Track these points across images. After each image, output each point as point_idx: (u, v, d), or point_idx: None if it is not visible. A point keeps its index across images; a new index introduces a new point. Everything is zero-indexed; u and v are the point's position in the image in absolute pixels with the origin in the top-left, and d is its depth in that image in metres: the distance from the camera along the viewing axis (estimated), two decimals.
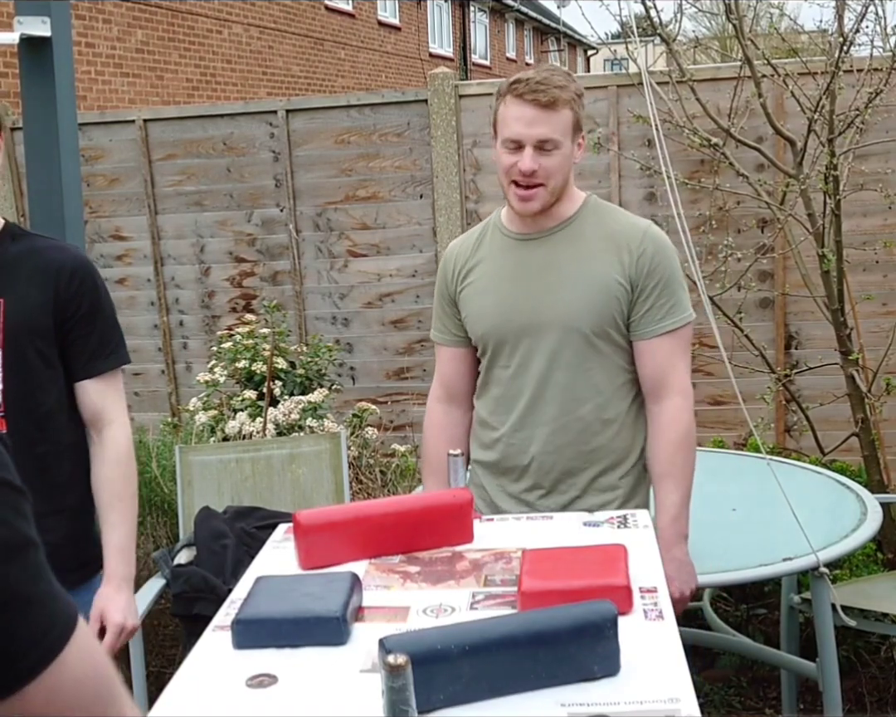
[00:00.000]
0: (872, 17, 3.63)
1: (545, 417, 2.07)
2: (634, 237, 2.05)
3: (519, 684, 1.26)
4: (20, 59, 2.73)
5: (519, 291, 2.08)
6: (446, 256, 2.23)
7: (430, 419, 2.33)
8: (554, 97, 1.96)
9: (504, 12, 24.68)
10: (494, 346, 2.11)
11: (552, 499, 2.09)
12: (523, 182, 1.99)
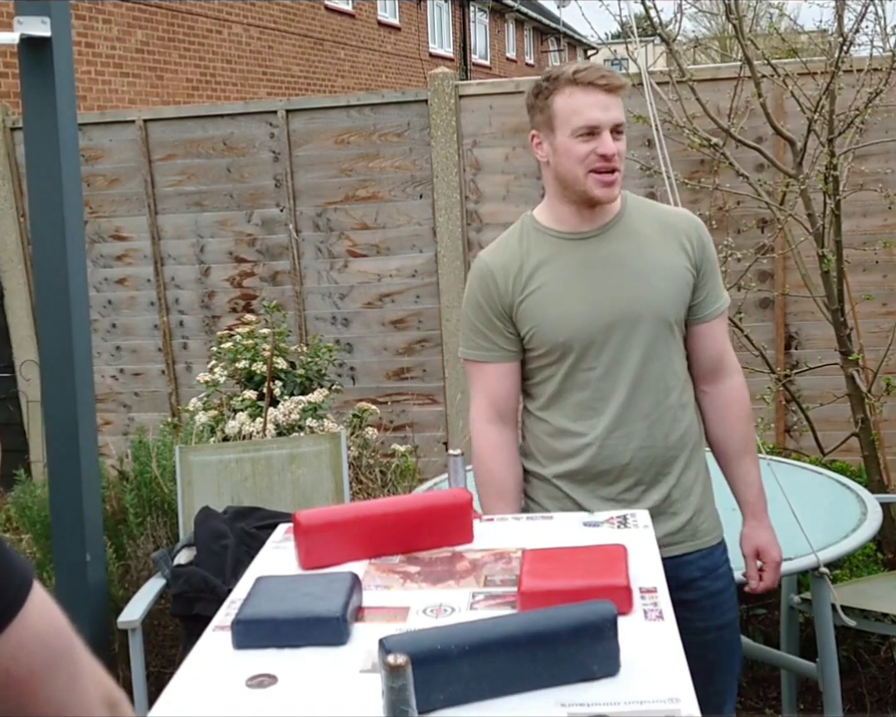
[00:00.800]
0: (872, 18, 3.63)
1: (642, 411, 2.04)
2: (690, 226, 2.09)
3: (519, 684, 1.26)
4: (20, 59, 2.73)
5: (596, 290, 2.03)
6: (490, 269, 2.11)
7: (485, 443, 2.15)
8: (619, 82, 1.97)
9: (504, 12, 24.67)
10: (580, 350, 2.04)
11: (654, 492, 2.07)
12: (605, 167, 1.97)
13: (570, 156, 1.98)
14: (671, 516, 2.07)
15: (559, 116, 1.98)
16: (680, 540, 2.08)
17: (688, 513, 2.10)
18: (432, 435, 5.06)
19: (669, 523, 2.07)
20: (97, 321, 5.27)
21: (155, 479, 3.38)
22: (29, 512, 3.29)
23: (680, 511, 2.09)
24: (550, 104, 1.99)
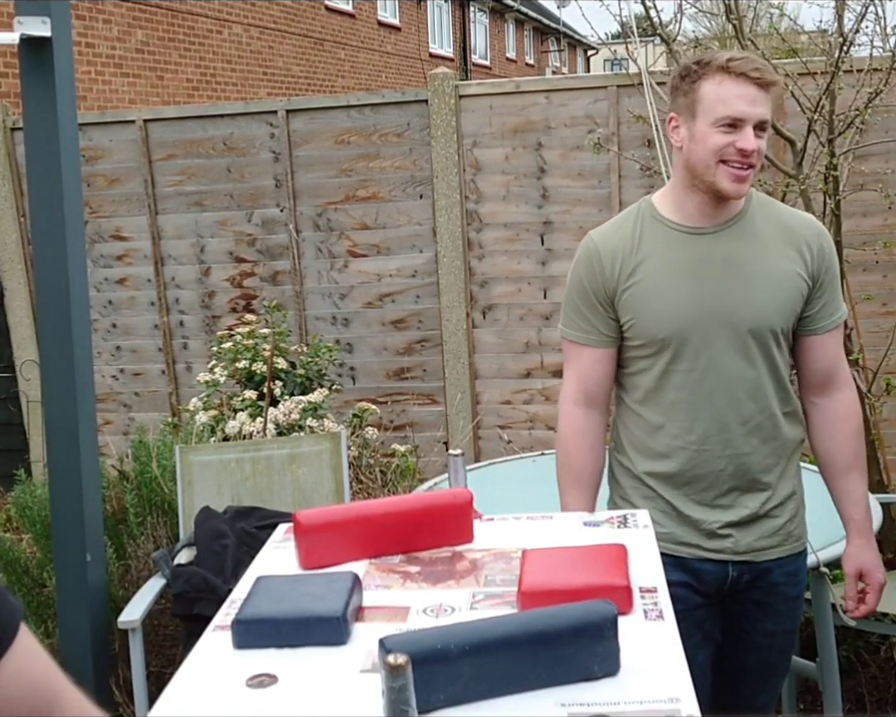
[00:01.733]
0: (872, 18, 3.63)
1: (741, 417, 1.98)
2: (812, 232, 2.01)
3: (519, 684, 1.26)
4: (20, 59, 2.73)
5: (704, 288, 1.96)
6: (598, 250, 2.04)
7: (569, 424, 2.11)
8: (775, 78, 1.90)
9: (504, 12, 24.67)
10: (676, 348, 1.98)
11: (749, 499, 2.02)
12: (741, 162, 1.89)
13: (705, 145, 1.90)
14: (765, 522, 2.04)
15: (703, 103, 1.91)
16: (772, 545, 2.05)
17: (782, 519, 2.06)
18: (432, 435, 5.06)
19: (762, 528, 2.04)
20: (97, 321, 5.27)
21: (155, 479, 3.38)
22: (29, 512, 3.29)
23: (774, 518, 2.05)
24: (696, 89, 1.92)
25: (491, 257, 4.92)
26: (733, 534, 2.03)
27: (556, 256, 4.83)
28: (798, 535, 2.10)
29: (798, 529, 2.10)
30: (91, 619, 2.92)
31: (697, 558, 2.04)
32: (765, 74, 1.88)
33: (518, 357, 4.97)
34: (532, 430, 4.99)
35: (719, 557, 2.03)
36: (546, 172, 4.76)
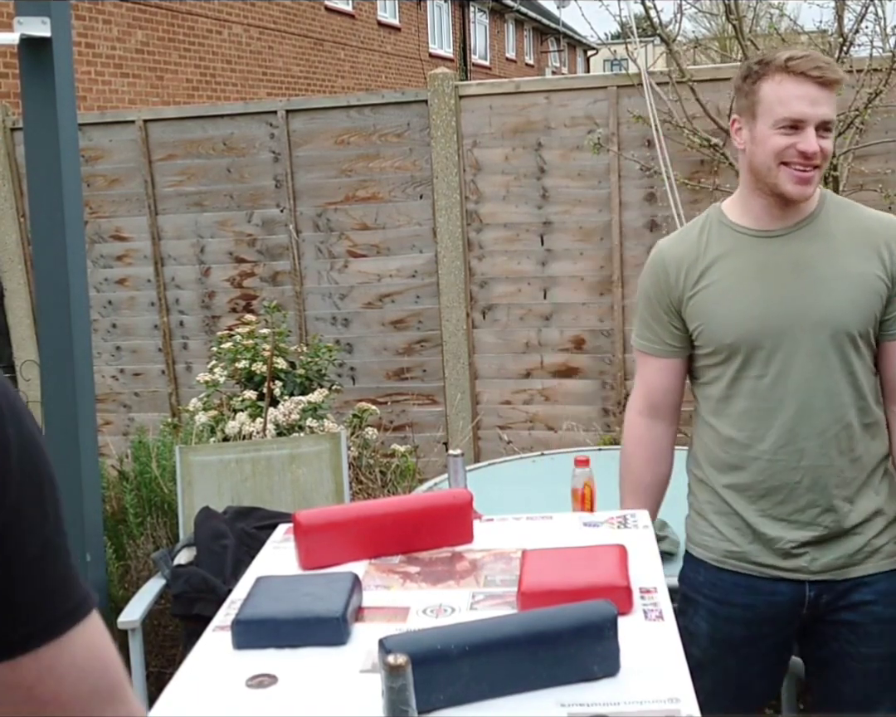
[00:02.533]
0: (872, 18, 3.64)
1: (817, 427, 1.90)
2: (889, 232, 1.92)
3: (519, 684, 1.26)
4: (20, 59, 2.73)
5: (773, 293, 1.90)
6: (662, 259, 2.02)
7: (632, 434, 2.12)
8: (838, 76, 1.83)
9: (504, 13, 24.67)
10: (747, 354, 1.91)
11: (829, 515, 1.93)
12: (803, 164, 1.84)
13: (766, 147, 1.86)
14: (846, 540, 1.94)
15: (763, 104, 1.86)
16: (857, 561, 1.95)
17: (866, 536, 1.95)
18: (432, 435, 5.05)
19: (843, 547, 1.94)
20: (97, 321, 5.27)
21: (155, 479, 3.38)
22: None
23: (857, 534, 1.94)
24: (757, 90, 1.87)
25: (491, 258, 4.92)
26: (809, 552, 1.94)
27: (556, 256, 4.83)
28: (892, 552, 1.97)
29: (891, 546, 1.97)
30: None
31: (771, 578, 1.96)
32: (826, 73, 1.81)
33: (518, 357, 4.97)
34: (532, 430, 4.99)
35: (795, 577, 1.95)
36: (546, 172, 4.76)
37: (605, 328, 4.82)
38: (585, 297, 4.83)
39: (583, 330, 4.86)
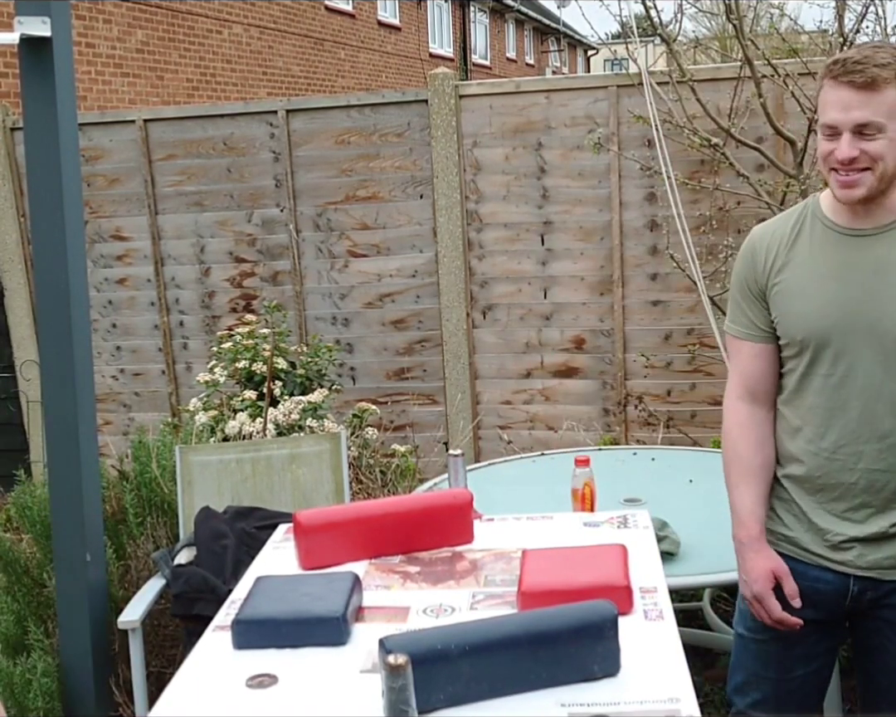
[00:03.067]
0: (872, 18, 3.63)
1: (878, 432, 1.88)
2: None
3: (519, 684, 1.26)
4: (20, 59, 2.73)
5: (849, 292, 1.87)
6: (754, 244, 2.02)
7: (735, 419, 2.08)
8: (872, 77, 1.77)
9: (504, 12, 24.66)
10: (815, 350, 1.91)
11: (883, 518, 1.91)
12: (843, 169, 1.82)
13: (819, 151, 1.87)
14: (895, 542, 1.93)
15: (819, 110, 1.88)
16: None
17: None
18: (432, 435, 5.05)
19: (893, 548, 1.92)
20: (97, 321, 5.27)
21: (155, 479, 3.37)
22: (29, 512, 3.29)
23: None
24: (818, 94, 1.89)
25: (491, 257, 4.92)
26: (857, 548, 1.94)
27: (557, 256, 4.83)
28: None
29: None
30: (91, 619, 2.92)
31: (818, 566, 1.98)
32: (855, 78, 1.78)
33: (518, 357, 4.97)
34: (532, 430, 4.99)
35: (841, 569, 1.96)
36: (546, 172, 4.76)
37: (606, 328, 4.82)
38: (586, 297, 4.83)
39: (583, 330, 4.86)
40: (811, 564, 1.99)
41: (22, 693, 2.88)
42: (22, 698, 2.88)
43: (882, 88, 1.78)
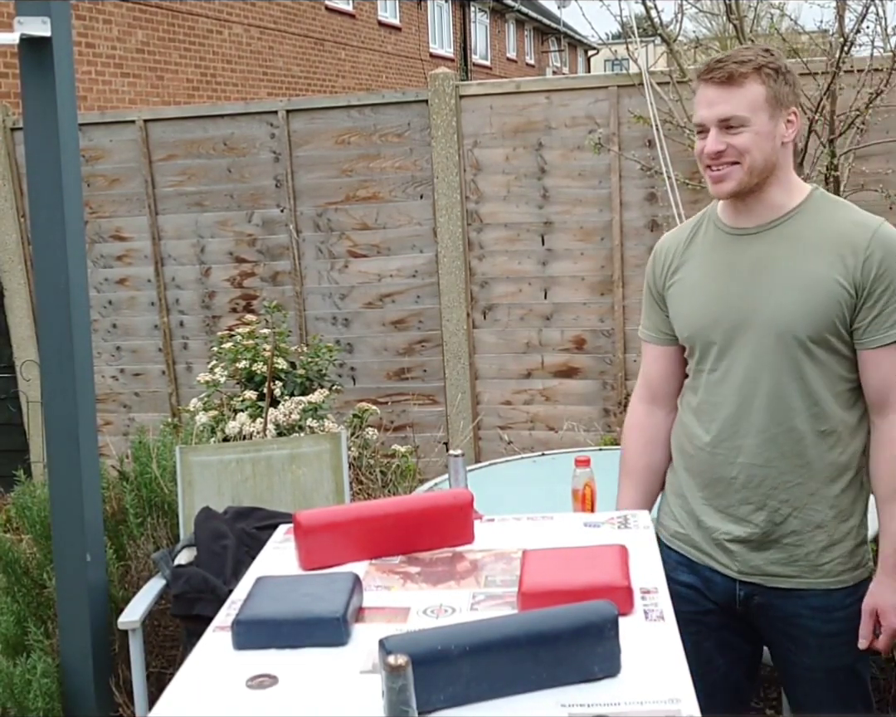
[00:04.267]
0: (873, 18, 3.63)
1: (753, 427, 1.91)
2: (862, 237, 1.84)
3: (519, 684, 1.25)
4: (20, 59, 2.73)
5: (729, 291, 1.92)
6: (656, 250, 2.10)
7: (631, 420, 2.17)
8: (730, 72, 1.83)
9: (504, 13, 24.67)
10: (701, 348, 1.97)
11: (763, 514, 1.93)
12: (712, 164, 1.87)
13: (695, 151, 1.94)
14: (781, 547, 1.94)
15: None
16: (788, 574, 1.95)
17: (805, 549, 1.93)
18: (432, 435, 5.05)
19: (778, 553, 1.94)
20: (97, 321, 5.27)
21: (155, 479, 3.37)
22: (29, 512, 3.28)
23: (795, 545, 1.93)
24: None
25: (491, 257, 4.92)
26: (739, 551, 1.96)
27: (557, 256, 4.83)
28: (833, 571, 1.94)
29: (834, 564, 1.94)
30: (91, 619, 2.92)
31: (707, 567, 2.02)
32: (715, 74, 1.84)
33: (518, 357, 4.97)
34: (532, 430, 4.99)
35: (726, 571, 1.99)
36: (546, 172, 4.76)
37: (606, 328, 4.82)
38: (586, 297, 4.82)
39: (583, 330, 4.86)
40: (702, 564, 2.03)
41: (22, 694, 2.88)
42: (22, 698, 2.88)
43: (742, 83, 1.84)
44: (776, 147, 1.88)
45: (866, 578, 1.98)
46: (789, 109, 1.89)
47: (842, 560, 1.95)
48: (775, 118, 1.87)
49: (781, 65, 1.88)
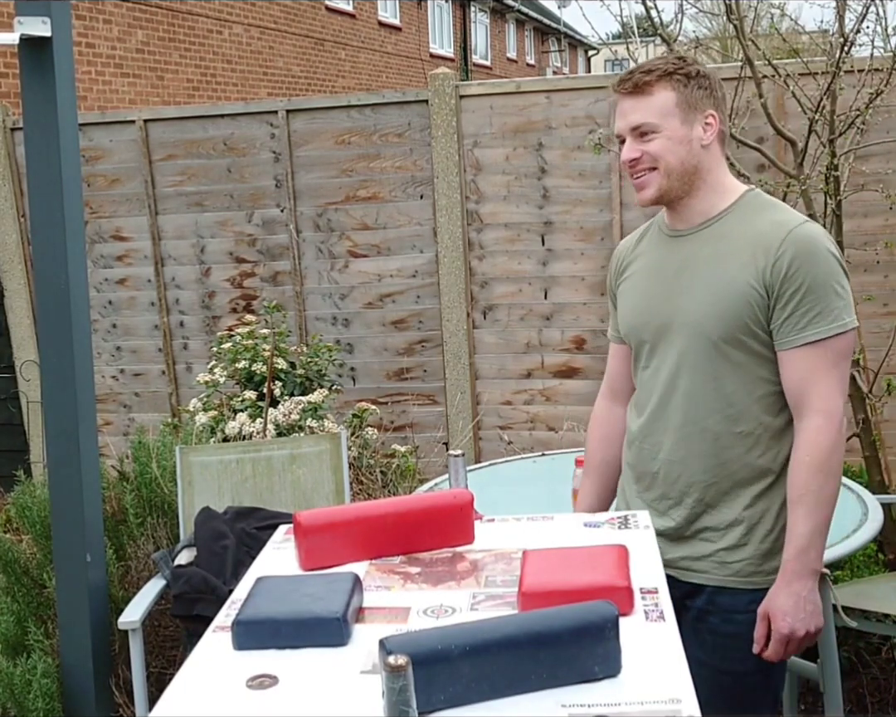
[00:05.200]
0: (873, 18, 3.62)
1: (670, 424, 1.97)
2: (775, 238, 1.84)
3: (520, 684, 1.25)
4: (20, 59, 2.73)
5: (658, 291, 1.99)
6: (614, 252, 2.19)
7: (593, 415, 2.26)
8: (636, 82, 1.90)
9: (505, 12, 24.67)
10: (636, 346, 2.06)
11: (679, 511, 1.97)
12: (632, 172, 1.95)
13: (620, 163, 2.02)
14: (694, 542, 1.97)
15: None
16: (699, 569, 1.97)
17: (716, 545, 1.95)
18: (432, 435, 5.05)
19: (691, 548, 1.97)
20: (97, 322, 5.27)
21: (155, 479, 3.37)
22: (29, 512, 3.28)
23: (707, 541, 1.96)
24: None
25: (491, 258, 4.92)
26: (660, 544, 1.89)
27: (557, 256, 4.83)
28: (742, 571, 1.94)
29: (744, 565, 1.94)
30: (91, 620, 2.92)
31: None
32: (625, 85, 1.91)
33: (518, 358, 4.97)
34: (532, 430, 4.99)
35: None
36: (547, 172, 4.76)
37: (606, 329, 4.80)
38: (586, 297, 4.82)
39: (583, 330, 4.86)
40: None
41: (22, 694, 2.88)
42: (22, 698, 2.88)
43: (650, 92, 1.90)
44: (693, 150, 1.92)
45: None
46: (705, 113, 1.94)
47: (753, 562, 1.94)
48: (689, 122, 1.91)
49: (693, 70, 1.95)
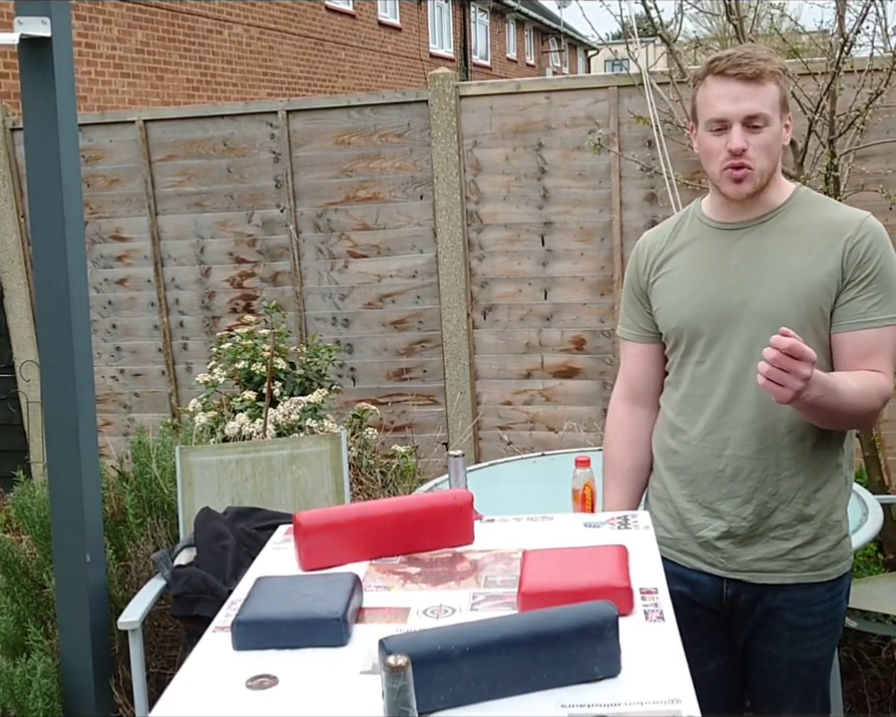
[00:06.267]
0: (873, 18, 3.63)
1: (741, 419, 1.90)
2: (851, 225, 1.87)
3: (519, 685, 1.25)
4: (20, 59, 2.73)
5: (719, 282, 1.93)
6: (638, 248, 2.12)
7: (613, 419, 2.17)
8: (759, 69, 1.83)
9: (504, 13, 24.67)
10: (689, 340, 1.97)
11: (749, 508, 1.92)
12: (734, 163, 1.86)
13: (703, 149, 1.92)
14: (768, 542, 1.94)
15: (699, 109, 1.93)
16: (775, 569, 1.94)
17: (791, 544, 1.93)
18: (432, 436, 5.05)
19: (765, 549, 1.94)
20: (97, 322, 5.27)
21: (155, 480, 3.37)
22: (29, 513, 3.29)
23: (782, 540, 1.93)
24: (696, 95, 1.94)
25: (491, 258, 4.92)
26: (726, 547, 1.96)
27: (557, 256, 4.83)
28: (816, 565, 1.94)
29: (819, 558, 1.94)
30: (91, 620, 2.92)
31: (694, 569, 2.01)
32: (743, 69, 1.83)
33: (518, 358, 4.97)
34: (532, 431, 4.99)
35: (713, 571, 1.99)
36: (546, 172, 4.76)
37: (606, 329, 4.81)
38: (586, 297, 4.82)
39: (583, 330, 4.86)
40: (688, 567, 2.01)
41: (22, 694, 2.88)
42: (22, 698, 2.88)
43: (766, 82, 1.85)
44: (779, 149, 1.91)
45: (847, 571, 2.00)
46: (788, 113, 1.92)
47: (825, 554, 1.95)
48: (782, 120, 1.90)
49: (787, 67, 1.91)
